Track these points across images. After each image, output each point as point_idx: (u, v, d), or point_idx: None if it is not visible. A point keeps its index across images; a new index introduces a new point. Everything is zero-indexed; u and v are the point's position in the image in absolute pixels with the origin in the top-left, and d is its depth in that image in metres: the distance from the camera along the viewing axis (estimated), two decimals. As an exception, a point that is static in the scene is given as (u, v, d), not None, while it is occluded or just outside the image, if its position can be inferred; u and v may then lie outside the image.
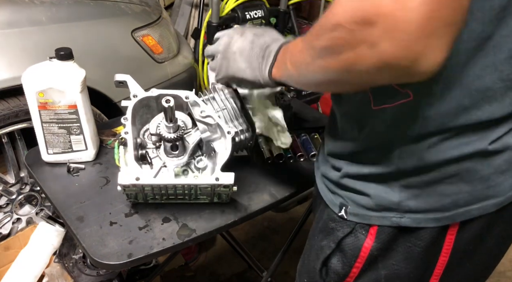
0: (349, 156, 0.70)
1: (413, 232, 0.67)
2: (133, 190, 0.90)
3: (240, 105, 1.03)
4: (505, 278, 1.96)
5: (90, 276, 1.38)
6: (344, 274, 0.74)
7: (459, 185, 0.63)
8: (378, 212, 0.67)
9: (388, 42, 0.44)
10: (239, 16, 2.17)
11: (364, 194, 0.68)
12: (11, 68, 1.35)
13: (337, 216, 0.73)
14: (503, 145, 0.62)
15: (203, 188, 0.91)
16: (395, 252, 0.69)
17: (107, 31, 1.64)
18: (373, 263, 0.71)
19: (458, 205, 0.64)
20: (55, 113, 1.02)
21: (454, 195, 0.64)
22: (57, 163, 1.08)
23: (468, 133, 0.60)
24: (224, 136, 0.96)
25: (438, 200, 0.64)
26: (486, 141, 0.61)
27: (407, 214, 0.66)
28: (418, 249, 0.68)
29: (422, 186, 0.64)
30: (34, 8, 1.46)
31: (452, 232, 0.66)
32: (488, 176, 0.63)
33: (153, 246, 0.87)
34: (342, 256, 0.73)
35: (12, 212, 1.55)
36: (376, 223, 0.68)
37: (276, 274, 1.60)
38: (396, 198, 0.65)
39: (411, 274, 0.71)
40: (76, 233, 0.89)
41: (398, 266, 0.70)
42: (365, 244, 0.70)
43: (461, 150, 0.61)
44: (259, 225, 2.14)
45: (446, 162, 0.62)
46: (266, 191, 1.04)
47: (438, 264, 0.69)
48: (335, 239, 0.73)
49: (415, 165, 0.63)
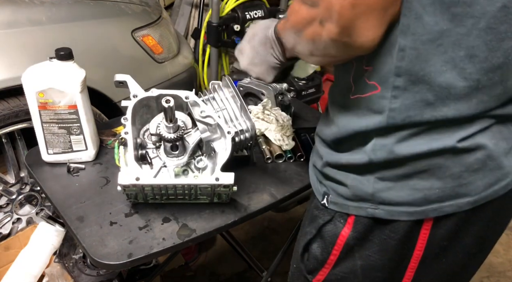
0: (331, 144, 0.74)
1: (388, 224, 0.69)
2: (133, 190, 0.90)
3: (240, 104, 1.03)
4: (505, 278, 1.96)
5: (90, 276, 1.38)
6: (322, 260, 0.77)
7: (430, 180, 0.65)
8: (355, 202, 0.71)
9: (330, 22, 0.57)
10: (239, 16, 2.17)
11: (343, 184, 0.72)
12: (11, 68, 1.35)
13: (320, 204, 0.76)
14: (474, 143, 0.63)
15: (203, 188, 0.91)
16: (371, 243, 0.72)
17: (107, 31, 1.64)
18: (349, 252, 0.74)
19: (430, 201, 0.66)
20: (55, 113, 1.02)
21: (426, 190, 0.66)
22: (57, 163, 1.08)
23: (436, 130, 0.62)
24: (224, 136, 0.96)
25: (410, 194, 0.66)
26: (454, 138, 0.62)
27: (380, 205, 0.68)
28: (393, 242, 0.70)
29: (395, 179, 0.66)
30: (34, 8, 1.46)
31: (426, 227, 0.68)
32: (459, 173, 0.64)
33: (153, 246, 0.87)
34: (321, 242, 0.77)
35: (12, 212, 1.55)
36: (353, 213, 0.71)
37: (276, 274, 1.60)
38: (370, 189, 0.68)
39: (386, 266, 0.73)
40: (76, 233, 0.89)
41: (373, 257, 0.73)
42: (342, 232, 0.73)
43: (429, 145, 0.63)
44: (259, 225, 2.14)
45: (416, 156, 0.64)
46: (266, 191, 1.04)
47: (413, 257, 0.71)
48: (316, 226, 0.77)
49: (386, 158, 0.65)
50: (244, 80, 1.24)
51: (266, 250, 1.99)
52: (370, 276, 0.75)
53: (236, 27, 2.17)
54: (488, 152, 0.64)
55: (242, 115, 1.04)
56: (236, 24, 2.17)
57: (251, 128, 1.04)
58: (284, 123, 1.22)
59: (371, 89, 0.64)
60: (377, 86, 0.63)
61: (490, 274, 1.97)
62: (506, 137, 0.66)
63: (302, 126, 1.28)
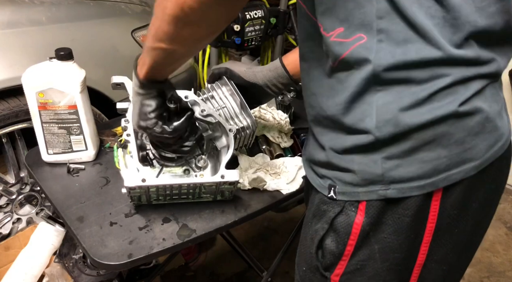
0: (331, 123, 0.72)
1: (400, 203, 0.69)
2: (138, 192, 0.90)
3: (240, 102, 1.03)
4: (505, 278, 1.96)
5: (90, 276, 1.38)
6: (339, 253, 0.76)
7: (437, 150, 0.65)
8: (364, 187, 0.69)
9: None
10: (239, 16, 2.17)
11: (350, 170, 0.70)
12: (11, 68, 1.35)
13: (327, 198, 0.75)
14: (473, 107, 0.64)
15: (208, 186, 0.91)
16: (385, 225, 0.71)
17: (107, 31, 1.64)
18: (365, 238, 0.73)
19: (439, 171, 0.66)
20: (55, 113, 1.02)
21: (434, 161, 0.66)
22: (57, 163, 1.08)
23: (436, 97, 0.63)
24: (225, 134, 0.96)
25: (420, 167, 0.66)
26: (455, 103, 0.63)
27: (391, 185, 0.67)
28: (406, 219, 0.69)
29: (402, 156, 0.66)
30: (34, 8, 1.46)
31: (436, 198, 0.68)
32: (463, 138, 0.65)
33: (153, 246, 0.87)
34: (335, 235, 0.75)
35: (12, 212, 1.55)
36: (364, 198, 0.70)
37: (276, 274, 1.60)
38: (380, 170, 0.67)
39: (403, 244, 0.72)
40: (76, 233, 0.89)
41: (389, 238, 0.72)
42: (356, 220, 0.71)
43: (433, 114, 0.63)
44: (259, 225, 2.14)
45: (421, 126, 0.64)
46: (266, 191, 1.04)
47: (426, 231, 0.71)
48: (327, 220, 0.75)
49: (392, 132, 0.65)
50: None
51: (266, 250, 1.99)
52: (389, 258, 0.74)
53: (236, 27, 2.17)
54: (485, 114, 0.65)
55: (242, 112, 1.04)
56: (236, 24, 2.18)
57: (251, 125, 1.04)
58: (281, 121, 1.22)
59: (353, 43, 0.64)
60: (364, 37, 0.63)
61: (490, 274, 1.97)
62: (496, 100, 0.68)
63: (302, 127, 1.28)
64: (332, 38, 0.66)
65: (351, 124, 0.68)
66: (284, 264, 1.54)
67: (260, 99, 1.10)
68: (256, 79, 1.04)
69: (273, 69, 1.04)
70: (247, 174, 1.04)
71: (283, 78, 1.03)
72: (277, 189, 1.04)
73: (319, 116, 0.75)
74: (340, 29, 0.65)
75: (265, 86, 1.05)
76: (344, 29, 0.64)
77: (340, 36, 0.65)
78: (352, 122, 0.68)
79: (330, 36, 0.66)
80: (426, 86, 0.63)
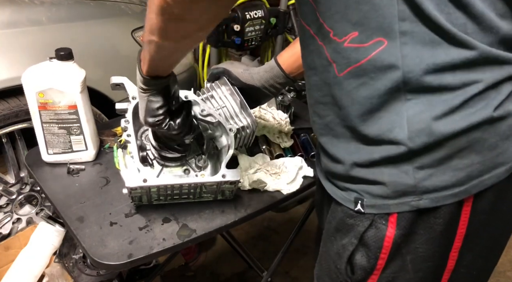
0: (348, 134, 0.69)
1: (432, 212, 0.66)
2: (139, 192, 0.90)
3: (240, 101, 1.03)
4: (505, 278, 1.96)
5: (90, 276, 1.38)
6: (371, 268, 0.73)
7: (470, 157, 0.63)
8: (395, 199, 0.67)
9: None
10: (239, 16, 2.17)
11: (379, 183, 0.67)
12: (11, 68, 1.35)
13: (353, 212, 0.71)
14: (506, 111, 0.62)
15: (209, 186, 0.91)
16: (417, 235, 0.69)
17: (107, 31, 1.64)
18: (397, 251, 0.71)
19: (472, 177, 0.64)
20: (55, 113, 1.02)
21: (467, 168, 0.64)
22: (57, 163, 1.08)
23: (470, 104, 0.61)
24: (225, 133, 0.96)
25: (453, 176, 0.64)
26: (489, 108, 0.61)
27: (424, 195, 0.65)
28: (439, 227, 0.67)
29: (436, 164, 0.64)
30: (34, 8, 1.46)
31: (468, 204, 0.66)
32: (496, 143, 0.63)
33: (153, 246, 0.87)
34: (366, 250, 0.72)
35: (12, 212, 1.55)
36: (395, 211, 0.67)
37: (276, 274, 1.60)
38: (412, 181, 0.65)
39: (435, 253, 0.70)
40: (76, 233, 0.89)
41: (421, 248, 0.70)
42: (388, 233, 0.69)
43: (468, 121, 0.61)
44: (259, 225, 2.14)
45: (456, 134, 0.61)
46: (266, 191, 1.04)
47: (456, 237, 0.69)
48: (356, 235, 0.72)
49: (425, 142, 0.62)
50: None
51: (266, 250, 1.99)
52: (421, 268, 0.72)
53: (236, 27, 2.17)
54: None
55: (242, 111, 1.04)
56: (236, 24, 2.17)
57: (251, 124, 1.04)
58: (281, 121, 1.22)
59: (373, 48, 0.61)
60: (384, 41, 0.59)
61: (490, 274, 1.97)
62: None
63: (302, 127, 1.28)
64: (346, 44, 0.63)
65: (377, 135, 0.65)
66: (284, 264, 1.54)
67: (259, 100, 1.09)
68: (253, 81, 1.04)
69: (269, 70, 1.03)
70: (247, 174, 1.04)
71: (280, 78, 1.03)
72: (277, 189, 1.04)
73: (330, 125, 0.72)
74: (355, 34, 0.62)
75: (263, 88, 1.04)
76: (358, 33, 0.61)
77: (355, 41, 0.62)
78: (377, 133, 0.65)
79: (344, 42, 0.63)
80: (458, 93, 0.60)
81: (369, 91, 0.64)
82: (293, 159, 1.10)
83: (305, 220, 1.52)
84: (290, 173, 1.06)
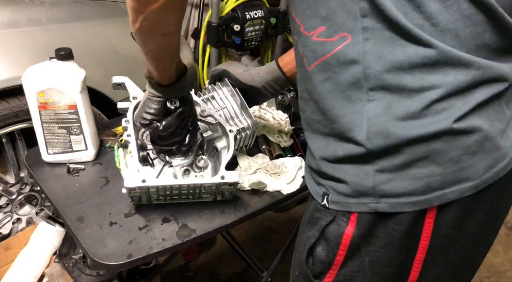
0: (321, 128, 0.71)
1: (392, 217, 0.67)
2: (138, 192, 0.90)
3: (240, 102, 1.04)
4: (505, 278, 1.96)
5: (90, 276, 1.38)
6: (329, 262, 0.75)
7: (430, 167, 0.63)
8: (356, 198, 0.69)
9: None
10: (239, 16, 2.17)
11: (342, 181, 0.70)
12: (11, 68, 1.35)
13: (320, 206, 0.74)
14: (470, 125, 0.61)
15: (208, 186, 0.91)
16: (376, 238, 0.70)
17: (107, 31, 1.64)
18: (356, 250, 0.72)
19: (432, 188, 0.64)
20: (55, 113, 1.02)
21: (426, 178, 0.64)
22: (57, 163, 1.08)
23: (430, 111, 0.60)
24: (225, 134, 0.96)
25: (411, 184, 0.64)
26: (449, 119, 0.60)
27: (382, 198, 0.66)
28: (398, 234, 0.68)
29: (395, 170, 0.65)
30: (34, 8, 1.46)
31: (430, 216, 0.67)
32: (458, 157, 0.62)
33: (153, 247, 0.87)
34: (326, 244, 0.75)
35: (12, 212, 1.55)
36: (355, 210, 0.69)
37: (276, 274, 1.60)
38: (371, 183, 0.66)
39: (394, 259, 0.71)
40: (76, 234, 0.89)
41: (379, 252, 0.71)
42: (346, 231, 0.71)
43: (426, 129, 0.61)
44: (259, 225, 2.14)
45: (412, 141, 0.62)
46: (266, 191, 1.04)
47: (419, 248, 0.70)
48: (319, 228, 0.75)
49: (382, 145, 0.63)
50: None
51: (266, 250, 1.99)
52: (379, 272, 0.73)
53: (236, 27, 2.17)
54: (484, 133, 0.62)
55: (242, 113, 1.04)
56: (236, 24, 2.17)
57: (252, 126, 1.04)
58: (281, 121, 1.23)
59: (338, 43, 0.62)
60: (348, 36, 0.61)
61: (490, 274, 1.97)
62: (501, 118, 0.64)
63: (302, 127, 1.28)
64: (313, 38, 0.64)
65: (340, 132, 0.67)
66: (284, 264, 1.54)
67: (258, 100, 1.10)
68: (254, 82, 1.05)
69: (270, 72, 1.04)
70: (247, 175, 1.04)
71: (280, 81, 1.04)
72: (277, 189, 1.04)
73: (308, 120, 0.74)
74: (322, 28, 0.63)
75: (263, 89, 1.05)
76: (325, 28, 0.63)
77: (322, 36, 0.63)
78: (341, 130, 0.67)
79: (311, 36, 0.64)
80: (417, 98, 0.60)
81: (333, 85, 0.65)
82: (292, 159, 1.10)
83: (305, 220, 1.52)
84: (290, 173, 1.06)
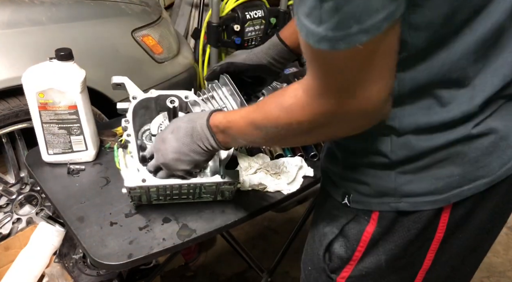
0: (347, 147, 0.74)
1: (411, 215, 0.70)
2: (138, 192, 0.90)
3: (240, 102, 1.03)
4: (505, 278, 1.96)
5: (90, 276, 1.38)
6: (347, 258, 0.78)
7: (450, 168, 0.66)
8: (377, 198, 0.72)
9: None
10: (239, 16, 2.17)
11: (364, 183, 0.72)
12: (11, 68, 1.35)
13: (340, 204, 0.77)
14: (487, 128, 0.65)
15: (208, 186, 0.91)
16: (395, 234, 0.73)
17: (107, 31, 1.63)
18: (374, 246, 0.75)
19: (452, 187, 0.67)
20: (55, 113, 1.02)
21: (446, 178, 0.67)
22: (57, 163, 1.08)
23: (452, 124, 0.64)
24: None
25: (432, 184, 0.68)
26: (468, 126, 0.64)
27: (403, 198, 0.69)
28: (415, 231, 0.71)
29: (416, 172, 0.68)
30: (34, 8, 1.46)
31: (446, 211, 0.70)
32: (477, 158, 0.66)
33: (153, 246, 0.87)
34: (345, 241, 0.78)
35: (12, 212, 1.55)
36: (377, 209, 0.72)
37: (276, 274, 1.60)
38: (392, 184, 0.69)
39: (408, 252, 0.74)
40: (76, 234, 0.89)
41: (397, 249, 0.74)
42: (367, 228, 0.74)
43: (446, 138, 0.64)
44: (259, 225, 2.14)
45: (434, 149, 0.65)
46: (267, 191, 1.03)
47: (434, 240, 0.73)
48: (338, 225, 0.77)
49: (406, 155, 0.66)
50: None
51: (266, 250, 1.99)
52: (395, 265, 0.76)
53: (236, 27, 2.17)
54: (500, 134, 0.66)
55: None
56: (236, 24, 2.18)
57: None
58: None
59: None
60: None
61: (490, 274, 1.97)
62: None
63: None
64: None
65: (363, 148, 0.70)
66: (284, 264, 1.54)
67: (266, 79, 1.11)
68: (259, 60, 1.05)
69: (273, 46, 1.04)
70: (248, 175, 1.04)
71: (285, 54, 1.04)
72: (278, 189, 1.04)
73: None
74: None
75: (269, 64, 1.05)
76: None
77: None
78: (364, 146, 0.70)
79: None
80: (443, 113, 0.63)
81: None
82: (293, 159, 1.10)
83: (305, 220, 1.52)
84: (290, 173, 1.06)
